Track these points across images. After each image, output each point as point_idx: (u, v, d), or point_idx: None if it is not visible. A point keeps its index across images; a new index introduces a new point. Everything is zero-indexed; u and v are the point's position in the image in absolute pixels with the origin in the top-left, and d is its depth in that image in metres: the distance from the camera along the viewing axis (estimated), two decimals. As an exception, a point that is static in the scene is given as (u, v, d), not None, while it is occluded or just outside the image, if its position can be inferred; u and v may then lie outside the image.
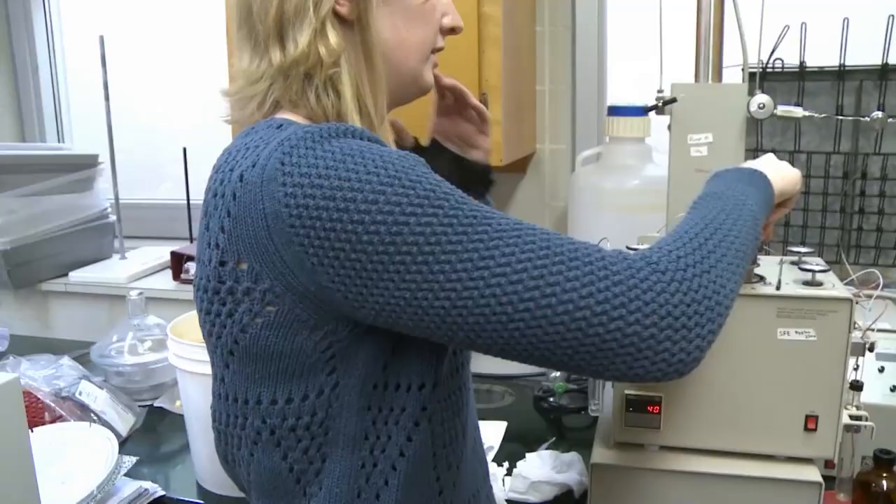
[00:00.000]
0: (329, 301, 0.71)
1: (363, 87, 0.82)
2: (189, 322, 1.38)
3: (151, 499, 1.33)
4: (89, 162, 2.12)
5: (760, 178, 0.90)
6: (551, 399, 1.47)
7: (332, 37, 0.79)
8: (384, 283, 0.68)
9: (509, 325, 0.68)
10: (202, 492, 1.37)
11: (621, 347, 0.67)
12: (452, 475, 0.86)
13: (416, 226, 0.68)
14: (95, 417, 1.52)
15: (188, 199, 2.12)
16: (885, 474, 1.08)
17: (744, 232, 0.79)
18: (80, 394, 1.53)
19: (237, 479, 0.89)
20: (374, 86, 0.83)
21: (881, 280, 1.18)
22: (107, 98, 2.04)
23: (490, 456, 1.36)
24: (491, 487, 0.99)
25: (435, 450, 0.83)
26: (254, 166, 0.72)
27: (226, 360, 0.80)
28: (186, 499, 1.36)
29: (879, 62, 1.51)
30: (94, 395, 1.56)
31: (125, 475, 1.34)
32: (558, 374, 1.50)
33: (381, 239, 0.67)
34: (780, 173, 0.94)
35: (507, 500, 1.21)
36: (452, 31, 0.91)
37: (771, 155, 1.00)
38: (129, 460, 1.36)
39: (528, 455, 1.29)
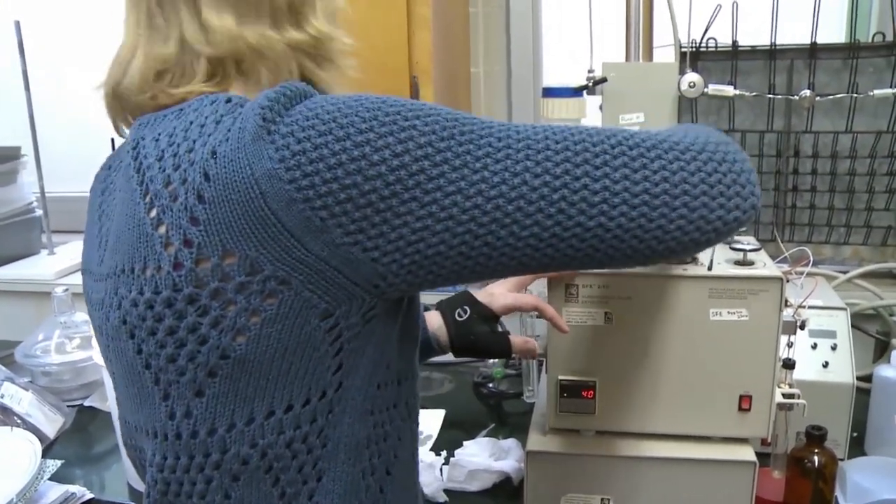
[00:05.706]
0: (345, 265, 0.64)
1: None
2: (114, 318, 1.33)
3: (80, 503, 1.28)
4: (10, 154, 2.04)
5: None
6: (490, 385, 1.46)
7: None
8: (407, 206, 0.62)
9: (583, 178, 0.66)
10: (134, 493, 1.33)
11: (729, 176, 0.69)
12: (417, 477, 0.83)
13: (422, 126, 0.64)
14: (20, 420, 1.45)
15: (117, 191, 2.05)
16: (816, 450, 1.08)
17: None
18: (2, 396, 1.47)
19: None
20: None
21: (811, 258, 1.19)
22: (27, 87, 1.96)
23: (428, 445, 1.34)
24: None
25: (413, 449, 0.78)
26: (227, 140, 0.65)
27: (200, 385, 0.68)
28: (117, 501, 1.31)
29: (808, 41, 1.51)
30: (19, 397, 1.49)
31: (51, 479, 1.29)
32: (496, 360, 1.49)
33: (392, 152, 0.62)
34: None
35: (444, 490, 1.19)
36: None
37: None
38: (54, 464, 1.31)
39: (465, 443, 1.27)
